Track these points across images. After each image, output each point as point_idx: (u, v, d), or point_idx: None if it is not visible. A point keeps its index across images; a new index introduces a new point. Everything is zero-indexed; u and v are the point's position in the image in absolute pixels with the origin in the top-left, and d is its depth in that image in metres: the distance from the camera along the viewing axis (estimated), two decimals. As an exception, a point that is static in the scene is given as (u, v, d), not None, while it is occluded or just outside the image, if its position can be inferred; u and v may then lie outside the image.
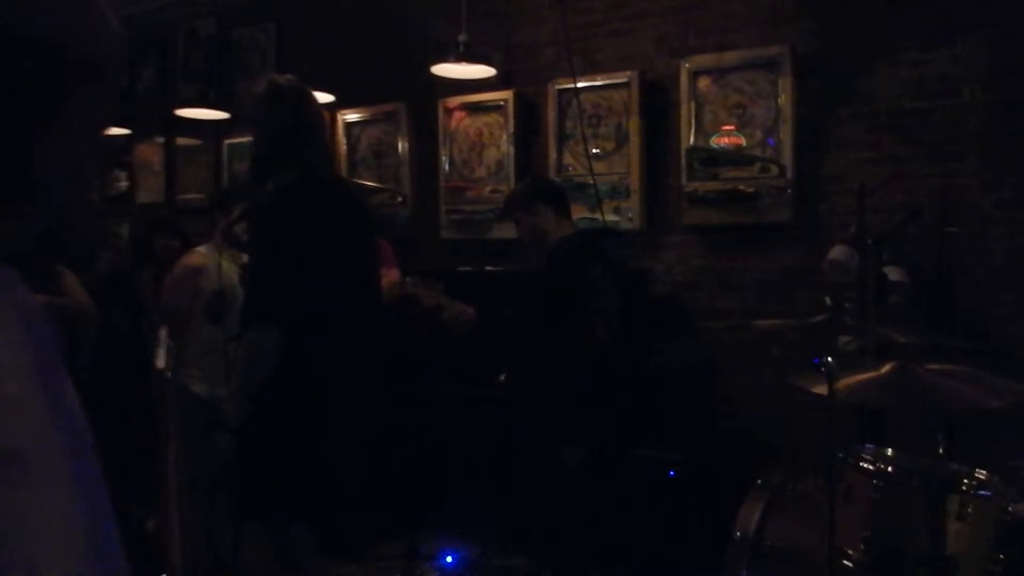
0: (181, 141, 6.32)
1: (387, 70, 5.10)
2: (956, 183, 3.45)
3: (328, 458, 2.53)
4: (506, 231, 4.62)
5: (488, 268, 4.51)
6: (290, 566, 2.63)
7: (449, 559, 3.91)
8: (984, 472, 2.29)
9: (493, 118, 4.72)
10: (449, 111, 4.86)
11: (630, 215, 4.22)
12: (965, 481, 2.23)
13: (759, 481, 2.78)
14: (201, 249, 3.70)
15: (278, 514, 2.56)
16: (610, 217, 4.21)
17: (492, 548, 3.90)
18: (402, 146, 5.10)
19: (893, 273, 3.20)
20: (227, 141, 5.92)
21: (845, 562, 2.25)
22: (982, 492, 2.21)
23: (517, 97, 4.61)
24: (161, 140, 6.43)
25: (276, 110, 2.59)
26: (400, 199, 5.06)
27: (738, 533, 2.66)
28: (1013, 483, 2.29)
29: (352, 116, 5.28)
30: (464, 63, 4.10)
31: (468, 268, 4.52)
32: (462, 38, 4.05)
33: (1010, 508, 2.18)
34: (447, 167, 4.88)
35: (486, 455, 3.85)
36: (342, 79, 4.83)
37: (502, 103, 4.66)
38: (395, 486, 3.82)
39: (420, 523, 3.90)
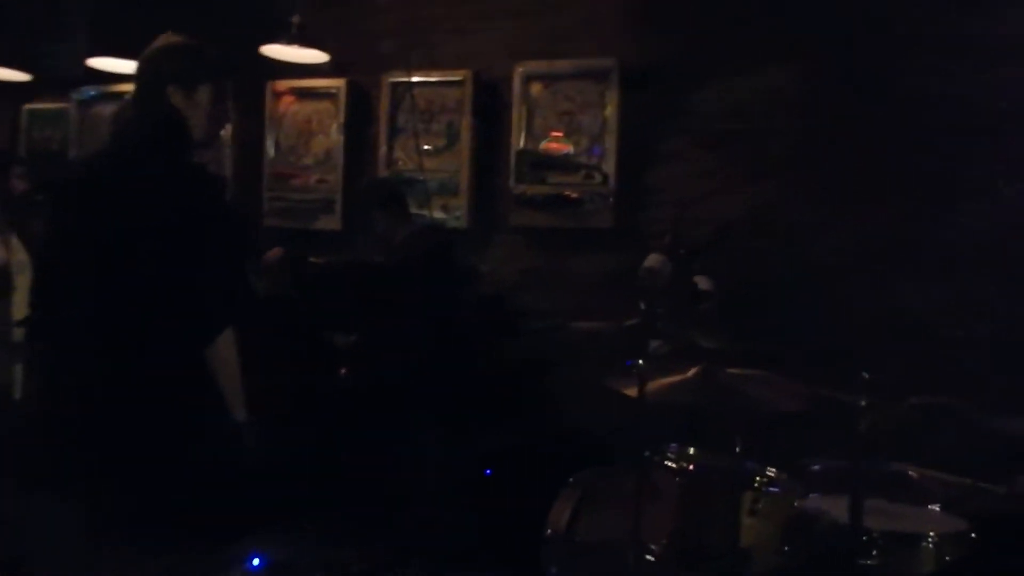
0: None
1: (212, 47, 4.83)
2: (765, 201, 3.68)
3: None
4: (332, 222, 4.54)
5: (312, 259, 4.37)
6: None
7: (256, 561, 3.75)
8: (774, 470, 2.45)
9: (324, 106, 4.60)
10: (278, 95, 4.69)
11: (458, 213, 4.23)
12: (758, 479, 2.38)
13: (571, 479, 2.85)
14: None
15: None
16: (438, 214, 4.20)
17: (306, 546, 3.79)
18: (225, 127, 4.86)
19: (703, 282, 3.36)
20: (27, 106, 5.41)
21: (648, 556, 2.34)
22: (772, 489, 2.37)
23: (350, 86, 4.51)
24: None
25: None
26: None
27: (550, 530, 2.71)
28: (801, 480, 2.46)
29: (172, 92, 4.97)
30: (296, 46, 3.97)
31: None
32: (295, 20, 3.92)
33: (796, 503, 2.34)
34: (273, 152, 4.71)
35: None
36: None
37: (334, 91, 4.54)
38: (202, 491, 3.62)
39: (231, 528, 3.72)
